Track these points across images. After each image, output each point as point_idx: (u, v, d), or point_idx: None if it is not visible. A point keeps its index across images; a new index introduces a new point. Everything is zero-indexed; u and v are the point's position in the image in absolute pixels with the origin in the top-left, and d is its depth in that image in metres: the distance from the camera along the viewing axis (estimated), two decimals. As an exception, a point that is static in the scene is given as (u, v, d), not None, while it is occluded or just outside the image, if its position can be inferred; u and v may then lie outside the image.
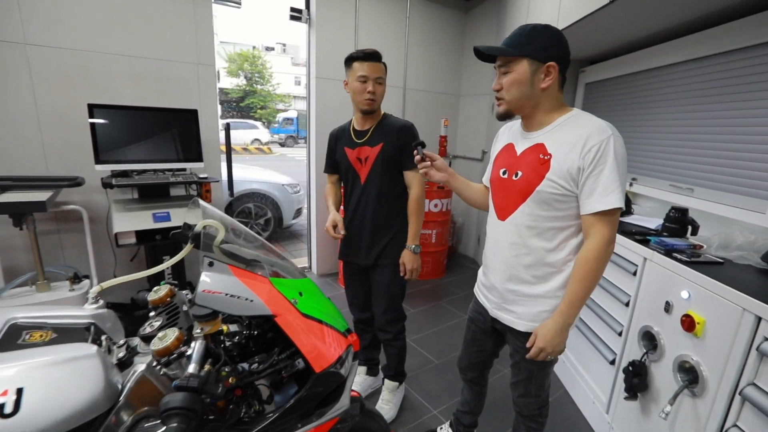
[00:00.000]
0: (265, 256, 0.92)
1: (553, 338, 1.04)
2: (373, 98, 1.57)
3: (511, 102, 1.06)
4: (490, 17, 3.68)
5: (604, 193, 0.97)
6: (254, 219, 4.52)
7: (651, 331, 1.47)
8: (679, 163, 2.00)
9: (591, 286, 1.02)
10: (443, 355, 2.41)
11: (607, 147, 0.96)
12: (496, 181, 1.19)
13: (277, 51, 33.47)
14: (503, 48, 1.02)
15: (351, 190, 1.73)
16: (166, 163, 2.29)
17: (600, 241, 0.99)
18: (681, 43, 1.96)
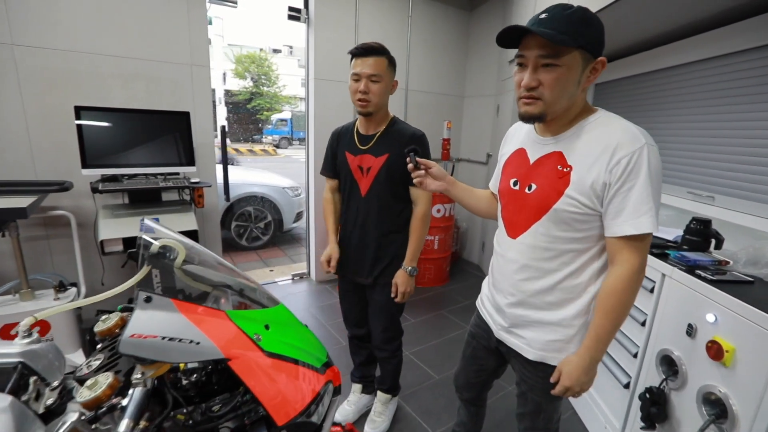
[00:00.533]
0: (233, 278, 0.81)
1: (579, 377, 0.91)
2: (366, 99, 1.39)
3: (552, 103, 0.85)
4: (495, 17, 3.55)
5: (635, 214, 0.82)
6: (254, 222, 4.44)
7: (671, 356, 1.33)
8: (697, 169, 1.87)
9: (619, 319, 0.88)
10: (444, 369, 2.29)
11: (640, 159, 0.81)
12: (506, 193, 1.05)
13: (284, 53, 33.61)
14: (559, 35, 0.78)
15: (349, 199, 1.58)
16: (158, 167, 2.21)
17: (629, 270, 0.85)
18: (699, 41, 1.83)
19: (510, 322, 1.05)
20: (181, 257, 0.76)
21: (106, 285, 2.40)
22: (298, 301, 3.15)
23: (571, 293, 0.96)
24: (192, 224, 2.15)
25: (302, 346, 0.76)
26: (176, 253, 0.77)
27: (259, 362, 0.64)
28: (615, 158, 0.82)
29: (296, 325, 0.83)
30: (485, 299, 1.20)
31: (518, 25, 0.82)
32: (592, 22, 0.82)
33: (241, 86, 23.05)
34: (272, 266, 3.99)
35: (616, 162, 0.82)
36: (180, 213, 2.21)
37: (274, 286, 3.38)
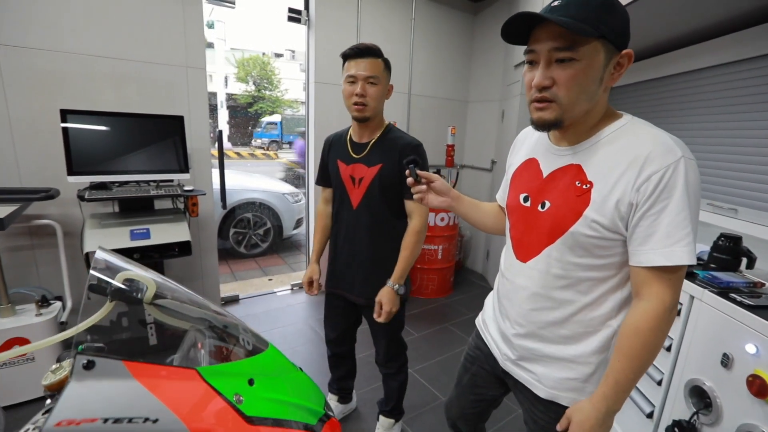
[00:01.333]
0: (213, 315, 0.70)
1: (592, 428, 0.77)
2: (363, 102, 1.30)
3: (569, 106, 0.72)
4: (500, 20, 3.45)
5: (668, 241, 0.68)
6: (253, 229, 4.33)
7: (702, 387, 1.21)
8: (719, 179, 1.76)
9: (645, 365, 0.74)
10: (450, 389, 2.16)
11: (675, 175, 0.67)
12: (515, 209, 0.92)
13: (286, 57, 33.67)
14: (575, 23, 0.66)
15: (339, 211, 1.49)
16: (150, 174, 2.10)
17: (658, 307, 0.71)
18: (720, 44, 1.73)
19: (518, 354, 0.93)
20: (151, 292, 0.64)
21: (94, 300, 2.28)
22: (297, 312, 3.03)
23: (588, 327, 0.83)
24: (185, 234, 2.04)
25: (295, 400, 0.65)
26: (144, 287, 0.65)
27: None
28: (645, 174, 0.69)
29: (288, 371, 0.71)
30: (489, 321, 1.06)
31: (528, 12, 0.70)
32: (615, 8, 0.70)
33: (242, 90, 23.06)
34: (271, 275, 3.88)
35: (645, 178, 0.69)
36: (172, 222, 2.10)
37: (273, 297, 3.26)
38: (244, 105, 23.06)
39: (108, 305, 0.64)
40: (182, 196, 2.17)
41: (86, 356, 0.50)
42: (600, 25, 0.67)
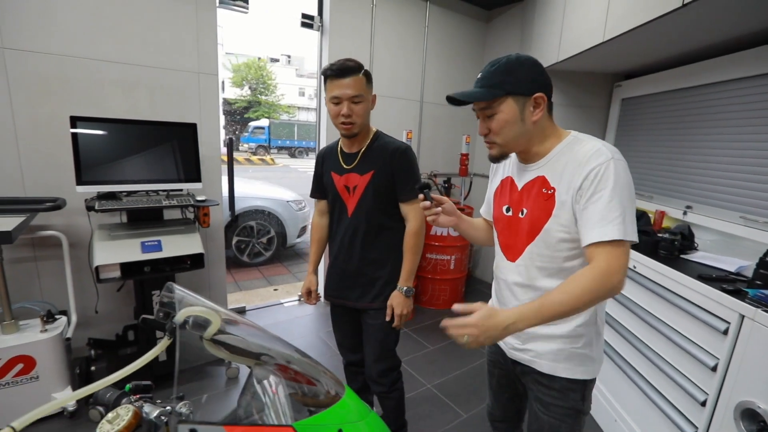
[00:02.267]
0: (280, 349, 0.62)
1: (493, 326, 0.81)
2: (351, 121, 1.33)
3: (504, 144, 0.96)
4: (513, 27, 3.44)
5: (602, 222, 0.84)
6: (256, 237, 4.24)
7: (755, 410, 1.16)
8: (753, 192, 1.72)
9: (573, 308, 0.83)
10: (471, 405, 2.10)
11: (607, 171, 0.85)
12: (500, 219, 1.09)
13: (282, 62, 33.71)
14: (483, 92, 0.92)
15: (338, 221, 1.52)
16: (160, 184, 2.02)
17: (603, 266, 0.82)
18: (746, 56, 1.71)
19: (519, 339, 1.06)
20: (214, 328, 0.57)
21: (100, 313, 2.19)
22: (306, 324, 2.95)
23: None
24: (198, 247, 1.96)
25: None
26: (207, 322, 0.58)
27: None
28: (584, 173, 0.87)
29: (366, 415, 0.64)
30: None
31: (452, 95, 0.95)
32: (517, 69, 0.91)
33: (238, 95, 22.96)
34: (276, 285, 3.79)
35: (584, 176, 0.87)
36: (184, 234, 2.02)
37: (280, 308, 3.17)
38: (239, 110, 22.96)
39: (165, 342, 0.56)
40: (194, 207, 2.09)
41: (188, 425, 0.43)
42: (504, 86, 0.90)
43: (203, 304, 0.59)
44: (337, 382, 0.66)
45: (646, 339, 1.68)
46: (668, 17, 1.57)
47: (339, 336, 1.66)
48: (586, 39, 2.17)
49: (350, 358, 1.66)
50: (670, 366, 1.52)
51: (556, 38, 2.59)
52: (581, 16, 2.25)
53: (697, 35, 1.75)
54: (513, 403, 1.25)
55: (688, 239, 1.80)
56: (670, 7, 1.51)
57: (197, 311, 0.56)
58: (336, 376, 0.69)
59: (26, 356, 1.73)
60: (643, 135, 2.51)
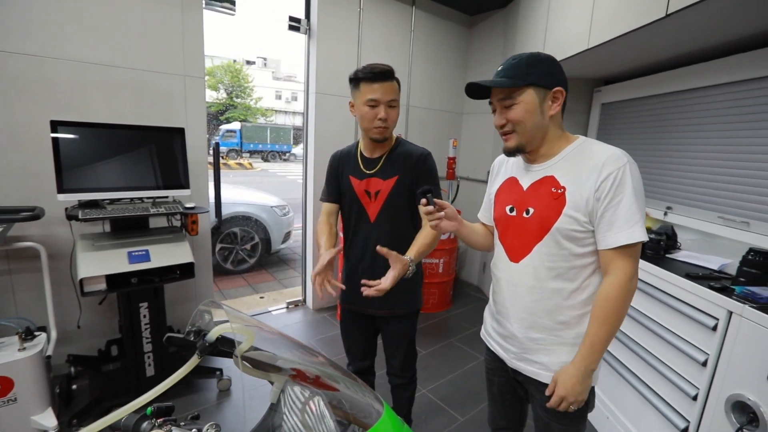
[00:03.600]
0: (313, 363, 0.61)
1: (575, 386, 0.93)
2: (386, 125, 1.34)
3: (524, 134, 0.98)
4: (496, 33, 3.52)
5: (627, 225, 0.88)
6: (240, 244, 4.15)
7: (745, 402, 1.22)
8: (730, 193, 1.82)
9: (614, 327, 0.92)
10: (467, 409, 2.11)
11: (624, 175, 0.89)
12: (502, 220, 1.09)
13: (258, 65, 33.23)
14: (506, 80, 0.96)
15: (356, 227, 1.49)
16: (146, 191, 1.94)
17: (622, 278, 0.90)
18: (723, 64, 1.81)
19: (523, 347, 1.05)
20: (248, 345, 0.55)
21: (83, 328, 2.08)
22: (296, 333, 2.90)
23: (579, 309, 0.99)
24: (187, 256, 1.90)
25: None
26: (238, 338, 0.56)
27: None
28: (602, 176, 0.90)
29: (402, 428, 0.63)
30: (491, 330, 1.19)
31: (477, 82, 0.98)
32: (538, 63, 0.96)
33: (213, 98, 22.44)
34: (262, 292, 3.71)
35: (603, 178, 0.90)
36: (172, 243, 1.95)
37: (268, 317, 3.11)
38: (215, 113, 22.44)
39: (194, 360, 0.54)
40: (182, 214, 2.02)
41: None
42: (527, 77, 0.94)
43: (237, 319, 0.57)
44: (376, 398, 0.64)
45: (636, 336, 1.74)
46: (652, 26, 1.64)
47: (349, 343, 1.65)
48: (571, 46, 2.23)
49: (358, 365, 1.65)
50: (661, 362, 1.58)
51: (539, 45, 2.66)
52: (565, 23, 2.33)
53: (678, 44, 1.83)
54: (514, 409, 1.25)
55: (672, 239, 1.88)
56: (654, 17, 1.58)
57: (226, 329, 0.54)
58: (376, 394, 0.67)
59: (3, 377, 1.62)
60: (624, 138, 2.61)
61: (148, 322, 1.92)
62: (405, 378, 1.61)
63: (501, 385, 1.21)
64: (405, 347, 1.55)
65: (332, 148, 1.57)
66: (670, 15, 1.51)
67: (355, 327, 1.59)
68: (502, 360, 1.14)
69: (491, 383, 1.25)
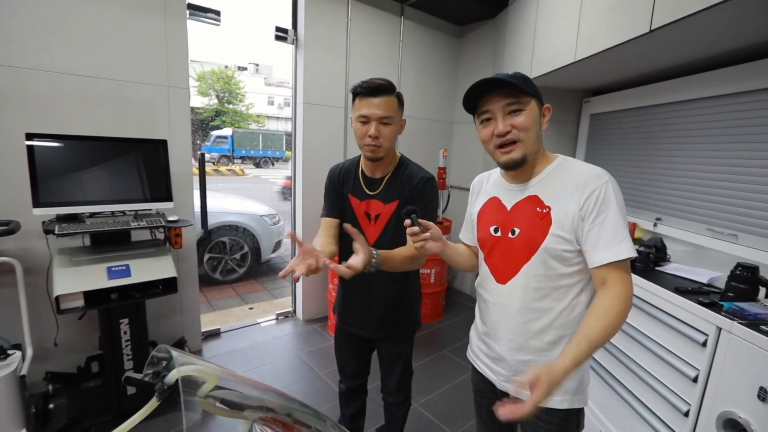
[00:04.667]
0: (280, 400, 0.57)
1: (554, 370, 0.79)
2: (377, 144, 1.24)
3: (529, 142, 0.94)
4: (485, 43, 3.54)
5: (614, 241, 0.88)
6: (229, 254, 4.08)
7: (736, 419, 1.21)
8: (719, 206, 1.82)
9: (611, 334, 0.86)
10: (459, 423, 2.08)
11: (607, 192, 0.89)
12: (487, 241, 1.07)
13: (250, 71, 33.20)
14: (521, 85, 0.91)
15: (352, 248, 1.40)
16: (127, 204, 1.89)
17: (621, 290, 0.86)
18: (711, 77, 1.82)
19: (513, 370, 1.03)
20: (209, 386, 0.51)
21: (61, 344, 2.01)
22: (285, 345, 2.84)
23: (568, 329, 0.97)
24: (170, 270, 1.85)
25: None
26: (200, 380, 0.52)
27: None
28: (585, 194, 0.90)
29: None
30: (478, 352, 1.16)
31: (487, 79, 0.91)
32: (529, 80, 0.95)
33: (204, 103, 22.33)
34: (251, 303, 3.65)
35: (587, 197, 0.90)
36: (155, 257, 1.90)
37: (257, 328, 3.05)
38: (206, 119, 22.31)
39: (153, 403, 0.50)
40: (165, 228, 1.97)
41: None
42: (528, 88, 0.93)
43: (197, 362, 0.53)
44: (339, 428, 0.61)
45: (628, 351, 1.72)
46: (637, 41, 1.64)
47: (342, 362, 1.61)
48: (558, 58, 2.24)
49: (351, 384, 1.62)
50: (653, 377, 1.56)
51: (527, 56, 2.67)
52: (553, 35, 2.34)
53: (664, 58, 1.84)
54: (503, 429, 1.21)
55: (661, 251, 1.87)
56: (639, 32, 1.59)
57: (192, 370, 0.50)
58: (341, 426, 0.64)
59: (-27, 399, 1.55)
60: (613, 149, 2.62)
61: (129, 339, 1.86)
62: (400, 397, 1.58)
63: (489, 406, 1.18)
64: (401, 366, 1.53)
65: (320, 158, 1.53)
66: (654, 30, 1.51)
67: (349, 345, 1.56)
68: (490, 381, 1.12)
69: (480, 405, 1.22)
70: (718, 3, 1.24)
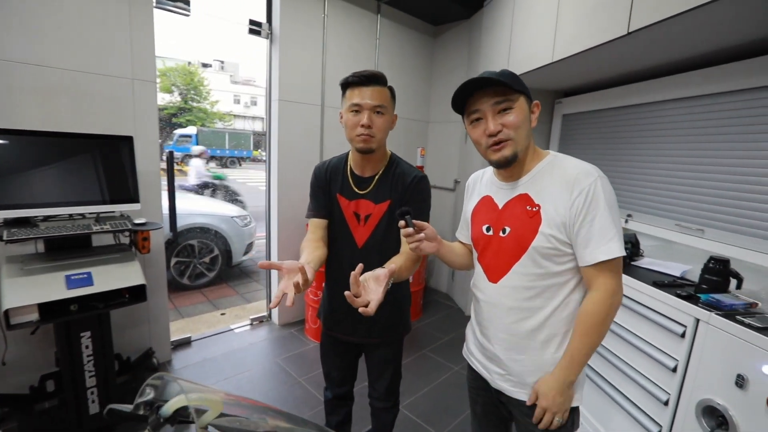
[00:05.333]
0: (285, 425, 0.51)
1: (555, 397, 0.94)
2: (370, 134, 1.20)
3: (519, 140, 0.94)
4: (460, 43, 3.57)
5: (603, 240, 0.88)
6: (198, 257, 3.89)
7: (715, 406, 1.26)
8: (686, 202, 1.91)
9: (595, 341, 0.93)
10: (444, 424, 2.06)
11: (596, 190, 0.89)
12: (480, 240, 1.07)
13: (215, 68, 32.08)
14: (509, 83, 0.91)
15: (340, 251, 1.35)
16: (87, 206, 1.74)
17: (604, 294, 0.91)
18: (679, 80, 1.91)
19: (506, 368, 1.03)
20: (213, 414, 0.45)
21: (10, 363, 1.81)
22: (262, 351, 2.73)
23: (560, 327, 0.98)
24: (138, 277, 1.71)
25: None
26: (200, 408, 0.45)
27: None
28: (575, 192, 0.90)
29: None
30: (474, 349, 1.16)
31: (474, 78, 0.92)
32: (518, 78, 0.95)
33: (167, 101, 21.32)
34: (222, 308, 3.49)
35: (576, 195, 0.90)
36: (120, 263, 1.75)
37: (230, 335, 2.91)
38: (168, 117, 21.31)
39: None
40: (131, 231, 1.82)
41: None
42: (517, 85, 0.93)
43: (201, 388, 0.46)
44: None
45: (608, 344, 1.77)
46: (614, 43, 1.69)
47: (328, 368, 1.55)
48: (536, 59, 2.28)
49: (337, 391, 1.55)
50: (633, 369, 1.61)
51: (504, 56, 2.70)
52: (530, 37, 2.38)
53: (639, 59, 1.90)
54: (499, 429, 1.22)
55: (636, 246, 1.94)
56: (617, 35, 1.63)
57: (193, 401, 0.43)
58: None
59: None
60: (585, 149, 2.70)
61: (91, 353, 1.70)
62: (389, 402, 1.54)
63: (485, 404, 1.18)
64: (391, 372, 1.49)
65: (296, 158, 1.47)
66: (632, 33, 1.56)
67: (336, 352, 1.49)
68: (485, 379, 1.12)
69: (475, 402, 1.22)
70: (692, 8, 1.29)
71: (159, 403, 0.43)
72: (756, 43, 1.52)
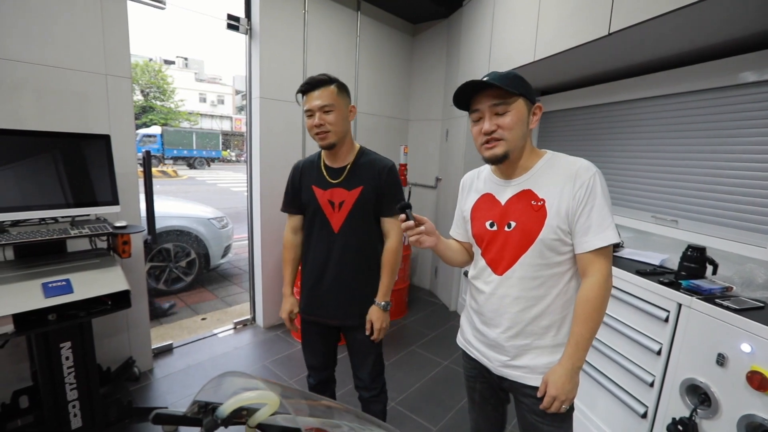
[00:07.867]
0: (348, 419, 0.50)
1: (564, 384, 0.98)
2: (323, 131, 1.35)
3: (512, 141, 1.00)
4: (438, 42, 3.61)
5: (600, 228, 0.96)
6: (174, 261, 3.74)
7: (697, 384, 1.34)
8: (661, 195, 2.02)
9: (596, 325, 0.99)
10: (438, 418, 2.09)
11: (595, 183, 0.97)
12: (484, 236, 1.12)
13: (178, 65, 30.88)
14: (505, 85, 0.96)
15: (318, 238, 1.47)
16: (61, 210, 1.63)
17: (600, 278, 0.97)
18: (656, 78, 2.01)
19: (512, 354, 1.08)
20: (269, 411, 0.43)
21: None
22: (248, 355, 2.66)
23: (561, 312, 1.04)
24: (121, 283, 1.62)
25: None
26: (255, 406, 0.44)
27: None
28: (577, 185, 0.97)
29: None
30: (471, 338, 1.20)
31: (475, 80, 0.97)
32: (522, 80, 1.00)
33: (127, 99, 20.31)
34: (203, 313, 3.37)
35: (578, 188, 0.97)
36: (101, 268, 1.66)
37: (214, 340, 2.82)
38: (129, 116, 20.29)
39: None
40: (111, 235, 1.73)
41: None
42: (519, 88, 0.97)
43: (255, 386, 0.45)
44: None
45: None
46: (595, 43, 1.76)
47: (310, 356, 1.60)
48: (516, 58, 2.34)
49: (319, 377, 1.61)
50: (619, 354, 1.70)
51: (485, 56, 2.76)
52: (510, 36, 2.44)
53: (620, 58, 1.97)
54: (497, 412, 1.27)
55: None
56: (598, 35, 1.70)
57: (251, 399, 0.41)
58: None
59: None
60: (563, 145, 2.80)
61: (72, 365, 1.60)
62: (375, 390, 1.57)
63: (483, 390, 1.23)
64: (373, 357, 1.54)
65: (279, 156, 1.52)
66: (612, 34, 1.63)
67: (315, 339, 1.56)
68: (484, 367, 1.16)
69: (473, 390, 1.26)
70: (669, 11, 1.36)
71: (214, 405, 0.41)
72: (727, 44, 1.62)
